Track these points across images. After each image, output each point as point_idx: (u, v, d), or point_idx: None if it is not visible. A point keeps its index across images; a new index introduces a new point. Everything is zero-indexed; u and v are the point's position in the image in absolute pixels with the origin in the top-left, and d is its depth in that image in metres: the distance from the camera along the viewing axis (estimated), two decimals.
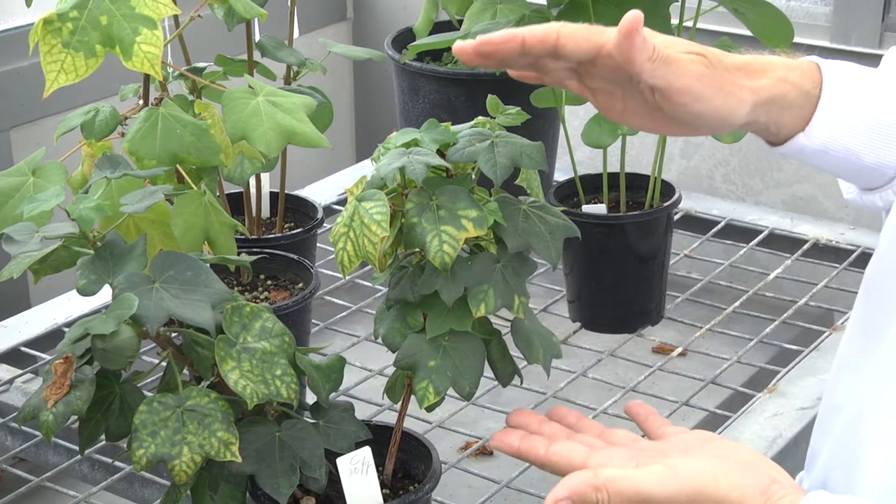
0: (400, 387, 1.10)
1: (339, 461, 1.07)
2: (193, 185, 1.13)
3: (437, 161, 1.01)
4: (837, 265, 1.81)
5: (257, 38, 1.45)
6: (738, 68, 0.89)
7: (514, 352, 1.08)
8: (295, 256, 1.45)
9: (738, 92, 0.88)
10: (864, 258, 1.78)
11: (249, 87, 1.09)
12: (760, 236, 1.88)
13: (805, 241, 1.87)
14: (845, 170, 0.93)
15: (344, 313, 1.71)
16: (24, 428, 1.46)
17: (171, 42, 1.20)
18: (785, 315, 1.68)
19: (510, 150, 1.02)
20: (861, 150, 0.91)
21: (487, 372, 1.07)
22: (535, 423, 0.97)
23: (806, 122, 0.90)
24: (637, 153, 2.29)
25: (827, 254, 1.85)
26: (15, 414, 1.45)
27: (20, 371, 1.58)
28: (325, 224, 1.62)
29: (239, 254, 1.13)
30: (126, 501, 1.44)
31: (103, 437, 1.05)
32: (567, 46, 0.88)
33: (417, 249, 1.05)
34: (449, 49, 1.77)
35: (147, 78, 1.13)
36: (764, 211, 1.97)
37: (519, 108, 1.07)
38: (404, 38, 1.80)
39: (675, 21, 1.50)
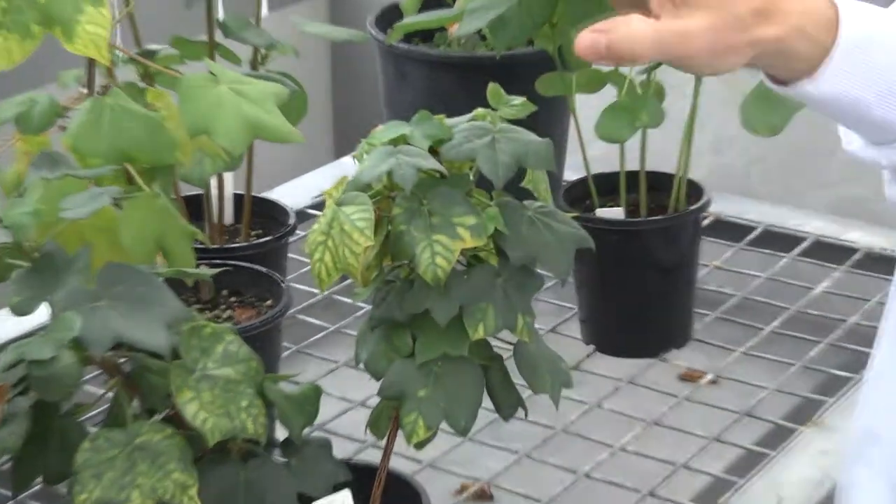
0: (385, 420, 1.11)
1: None
2: (145, 187, 1.13)
3: (431, 164, 1.01)
4: (893, 278, 1.81)
5: (220, 16, 1.46)
6: (752, 13, 0.92)
7: (518, 380, 1.08)
8: (263, 269, 1.46)
9: (734, 56, 0.93)
10: None
11: (210, 73, 1.09)
12: (804, 245, 1.89)
13: (855, 251, 1.87)
14: (850, 119, 0.97)
15: (320, 335, 1.71)
16: None
17: (120, 22, 1.21)
18: (832, 336, 1.69)
19: (514, 148, 1.02)
20: (871, 103, 0.93)
21: (486, 403, 1.07)
22: None
23: (815, 69, 0.94)
24: (659, 148, 2.28)
25: (881, 265, 1.85)
26: None
27: None
28: (298, 231, 1.62)
29: (198, 266, 1.14)
30: None
31: (40, 479, 1.05)
32: None
33: (406, 261, 1.05)
34: (442, 29, 1.77)
35: (91, 63, 1.13)
36: (808, 215, 1.97)
37: (524, 99, 1.08)
38: (390, 17, 1.81)
39: None
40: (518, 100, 1.08)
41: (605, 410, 1.58)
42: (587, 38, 0.91)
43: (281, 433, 1.12)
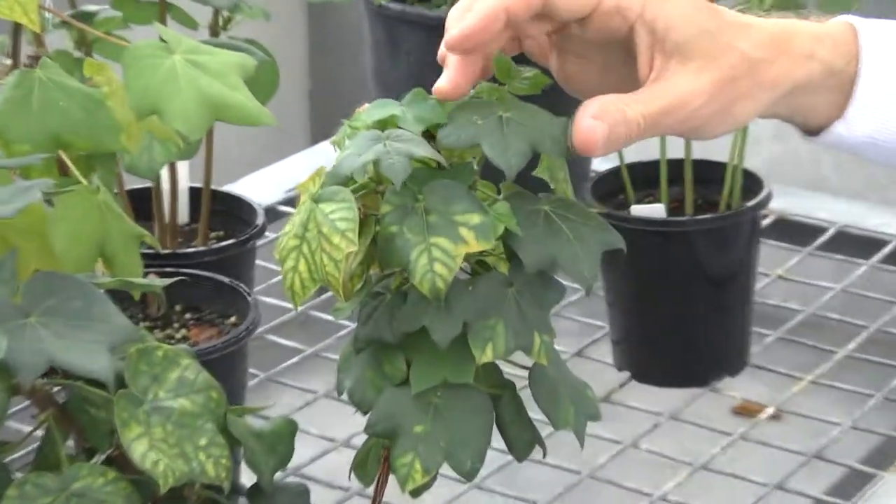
0: (374, 462, 1.11)
1: None
2: (82, 179, 1.14)
3: (426, 151, 1.02)
4: None
5: None
6: (758, 48, 0.95)
7: (535, 413, 1.09)
8: (225, 279, 1.47)
9: (747, 103, 0.96)
10: None
11: (162, 40, 1.10)
12: (886, 249, 1.90)
13: None
14: None
15: (295, 359, 1.71)
16: None
17: None
18: None
19: (527, 130, 1.02)
20: None
21: (497, 441, 1.08)
22: None
23: (842, 108, 0.96)
24: None
25: None
26: None
27: None
28: (267, 233, 1.63)
29: (146, 275, 1.14)
30: None
31: None
32: (558, 3, 0.98)
33: (398, 270, 1.06)
34: None
35: (18, 29, 1.14)
36: (891, 213, 1.98)
37: (537, 71, 1.08)
38: None
39: None
40: (530, 72, 1.08)
41: (643, 451, 1.59)
42: (585, 131, 0.98)
43: (248, 478, 1.14)
